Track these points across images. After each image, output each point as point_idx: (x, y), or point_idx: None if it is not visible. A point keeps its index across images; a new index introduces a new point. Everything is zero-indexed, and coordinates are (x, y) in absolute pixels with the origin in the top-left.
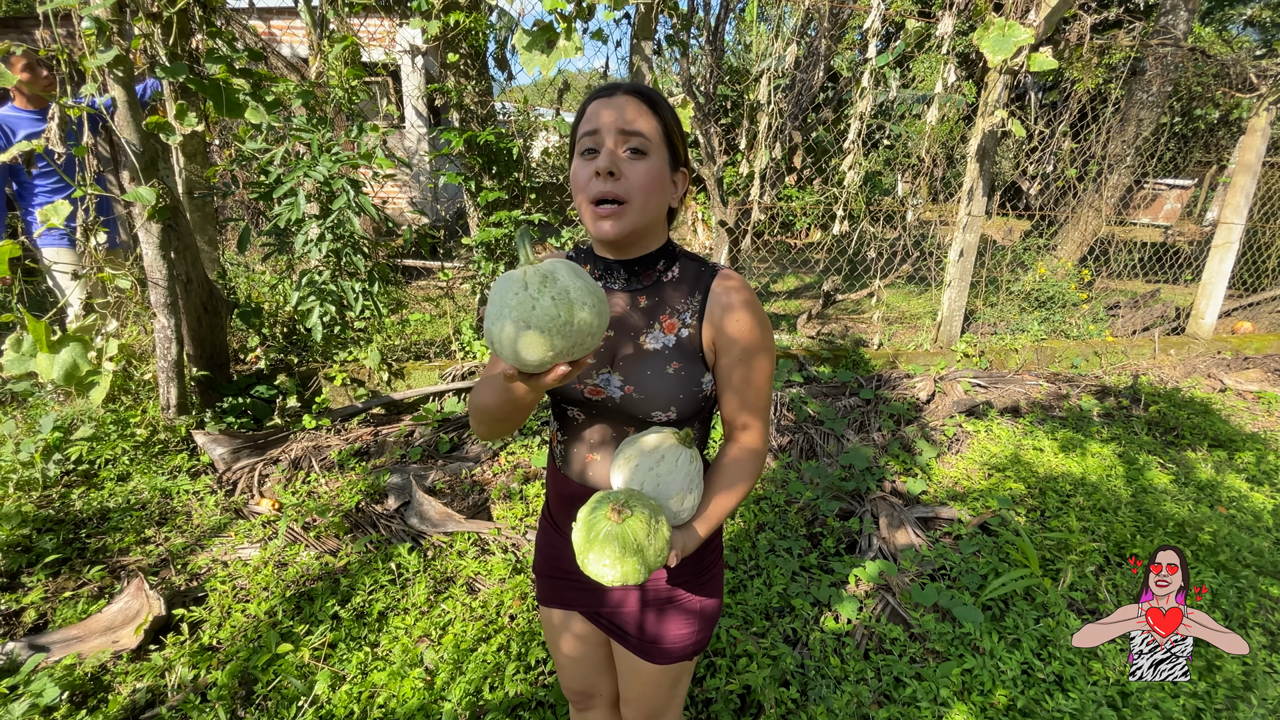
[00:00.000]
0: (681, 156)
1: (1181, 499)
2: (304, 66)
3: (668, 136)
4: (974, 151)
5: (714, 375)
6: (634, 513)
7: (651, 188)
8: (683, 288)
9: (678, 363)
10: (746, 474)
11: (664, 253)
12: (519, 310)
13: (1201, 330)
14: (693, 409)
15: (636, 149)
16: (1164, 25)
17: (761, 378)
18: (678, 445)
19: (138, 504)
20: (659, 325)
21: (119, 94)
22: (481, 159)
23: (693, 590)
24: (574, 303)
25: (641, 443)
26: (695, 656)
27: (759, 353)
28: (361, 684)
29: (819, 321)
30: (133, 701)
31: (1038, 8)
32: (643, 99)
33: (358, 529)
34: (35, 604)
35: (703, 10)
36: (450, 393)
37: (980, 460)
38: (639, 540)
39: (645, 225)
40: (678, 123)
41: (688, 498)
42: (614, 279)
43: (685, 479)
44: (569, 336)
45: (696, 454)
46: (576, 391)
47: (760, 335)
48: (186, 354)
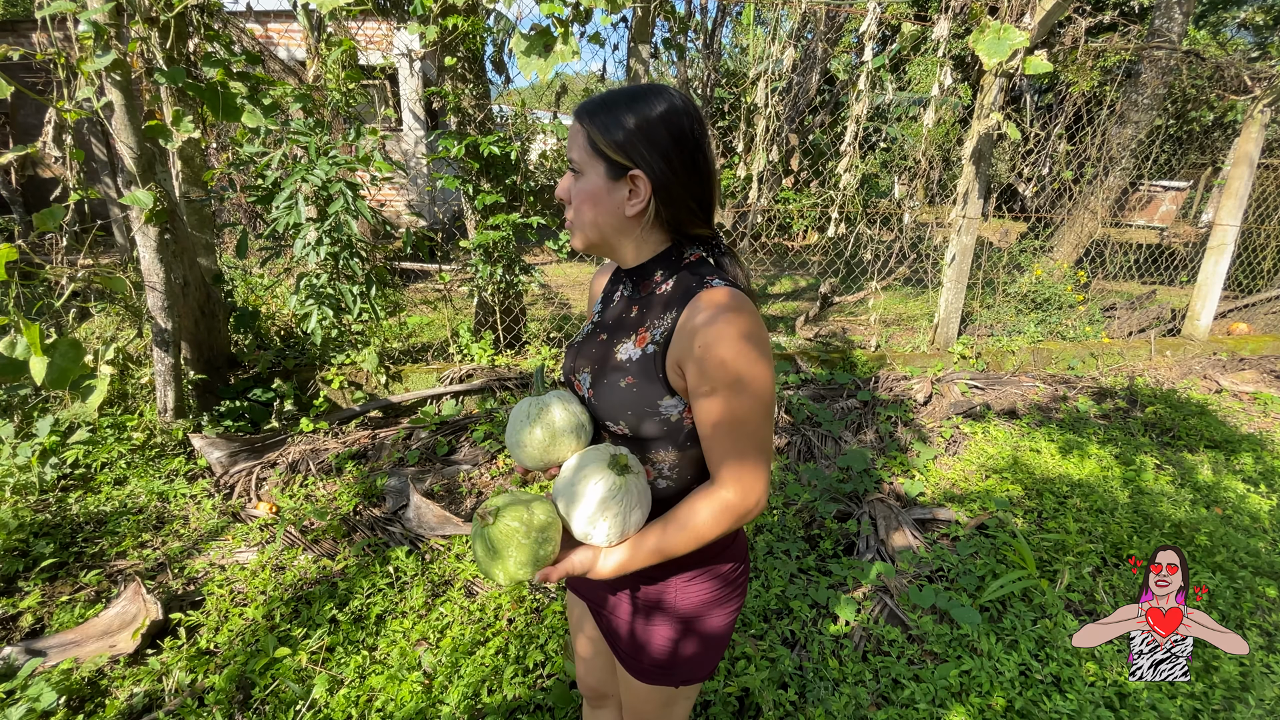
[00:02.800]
0: (625, 162)
1: (1179, 500)
2: (301, 70)
3: (596, 148)
4: (970, 154)
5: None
6: (497, 521)
7: (585, 206)
8: (668, 303)
9: (633, 378)
10: (692, 522)
11: (662, 262)
12: (515, 433)
13: (1197, 332)
14: (652, 430)
15: (574, 169)
16: (1158, 28)
17: (732, 417)
18: (600, 465)
19: (135, 508)
20: (633, 337)
21: (116, 98)
22: (479, 163)
23: (678, 607)
24: (557, 431)
25: (585, 453)
26: (683, 688)
27: (733, 389)
28: (359, 688)
29: (816, 324)
30: (130, 706)
31: (1033, 11)
32: (577, 117)
33: (355, 532)
34: (32, 608)
35: (700, 14)
36: (448, 395)
37: (977, 462)
38: (499, 545)
39: (599, 239)
40: (613, 128)
41: (600, 520)
42: (626, 286)
43: (598, 501)
44: (552, 452)
45: (622, 480)
46: (569, 381)
47: (736, 370)
48: (184, 357)
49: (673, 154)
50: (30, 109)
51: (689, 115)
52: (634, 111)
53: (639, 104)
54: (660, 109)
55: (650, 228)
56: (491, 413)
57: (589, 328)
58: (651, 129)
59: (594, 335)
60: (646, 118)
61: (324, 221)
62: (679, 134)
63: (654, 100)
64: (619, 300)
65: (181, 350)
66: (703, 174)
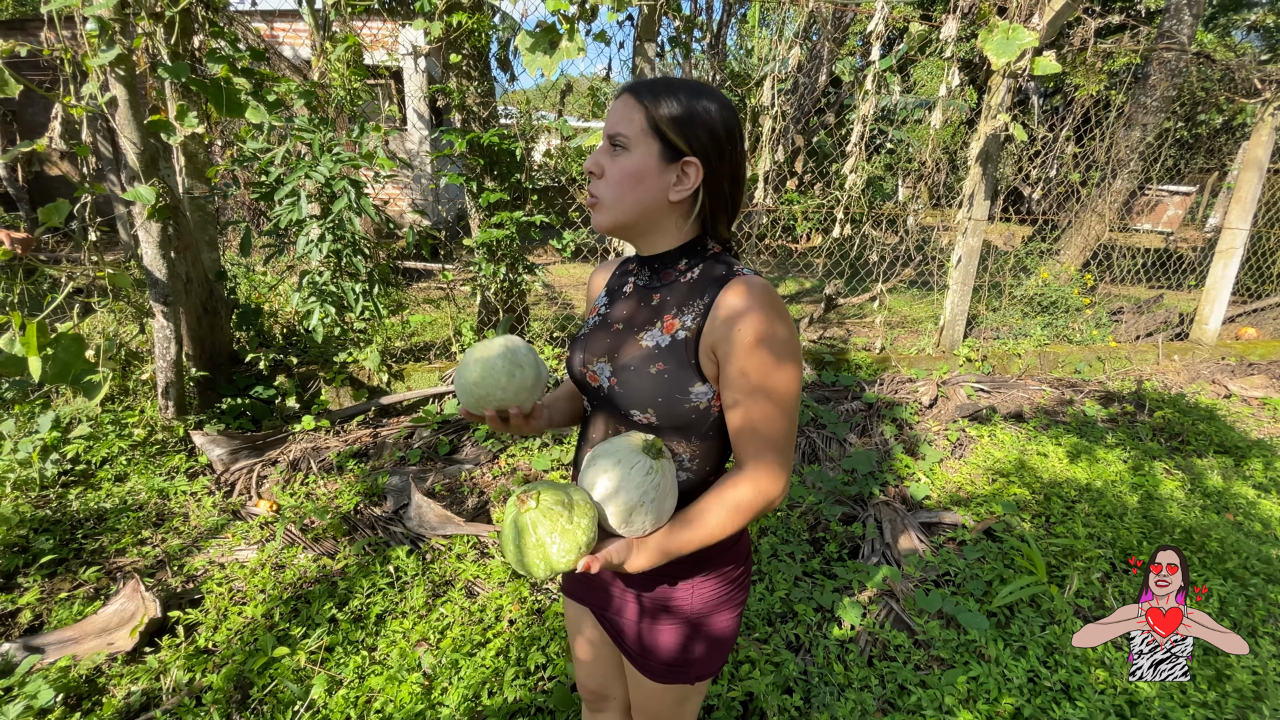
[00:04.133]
0: (683, 147)
1: (1189, 505)
2: (306, 68)
3: (656, 128)
4: (976, 155)
5: (720, 391)
6: (539, 503)
7: (625, 183)
8: (696, 289)
9: (664, 364)
10: (716, 517)
11: (688, 251)
12: (461, 373)
13: (1206, 336)
14: (680, 419)
15: (618, 145)
16: (1168, 30)
17: (766, 405)
18: (635, 450)
19: (135, 505)
20: (660, 323)
21: (121, 93)
22: (483, 160)
23: (688, 608)
24: (499, 372)
25: (611, 442)
26: (697, 683)
27: (768, 372)
28: (358, 688)
29: (821, 325)
30: (128, 705)
31: (1042, 11)
32: (633, 94)
33: (356, 531)
34: (31, 605)
35: (705, 14)
36: (450, 395)
37: (984, 465)
38: (542, 531)
39: (632, 220)
40: (680, 112)
41: (638, 508)
42: (640, 275)
43: (637, 489)
44: (482, 392)
45: (659, 466)
46: (580, 374)
47: (770, 354)
48: (186, 354)
49: (725, 149)
50: (38, 107)
51: (738, 119)
52: (699, 100)
53: (702, 95)
54: (720, 103)
55: (685, 216)
56: None
57: (595, 320)
58: (713, 121)
59: (604, 328)
60: (709, 109)
61: (327, 219)
62: (731, 132)
63: (714, 95)
64: (631, 291)
65: (184, 347)
66: (742, 176)
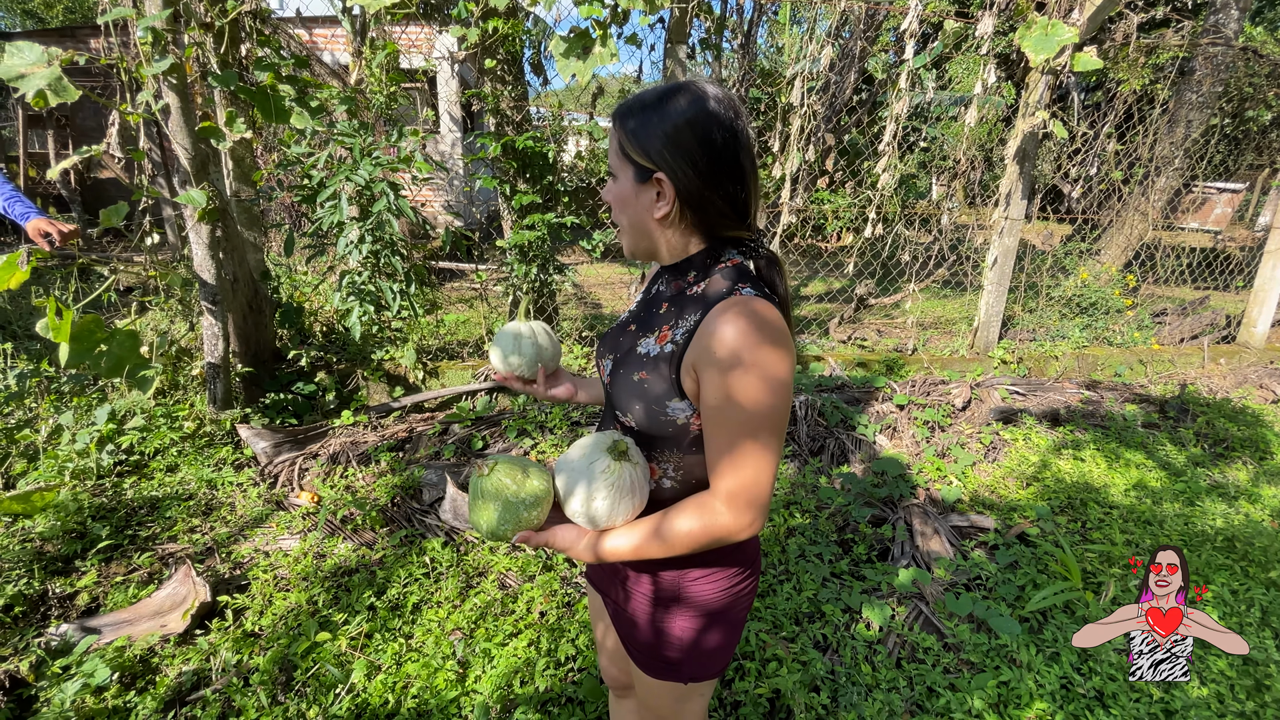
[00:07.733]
0: (646, 164)
1: (1231, 513)
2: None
3: (622, 150)
4: (1013, 153)
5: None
6: (491, 474)
7: (619, 211)
8: (693, 305)
9: (646, 374)
10: (674, 533)
11: (696, 264)
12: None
13: (1254, 339)
14: (659, 429)
15: (609, 173)
16: (1214, 24)
17: (736, 438)
18: (600, 449)
19: (185, 494)
20: (657, 333)
21: (173, 100)
22: (516, 163)
23: (682, 607)
24: (525, 348)
25: (595, 435)
26: (692, 684)
27: (740, 404)
28: (396, 674)
29: (851, 325)
30: (179, 684)
31: (1081, 7)
32: (613, 119)
33: (393, 523)
34: (88, 588)
35: (736, 14)
36: (482, 392)
37: (1018, 469)
38: (487, 497)
39: (635, 244)
40: (638, 132)
41: (591, 501)
42: (661, 281)
43: (591, 482)
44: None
45: (617, 468)
46: (596, 363)
47: (746, 385)
48: (232, 351)
49: (699, 157)
50: (88, 112)
51: (721, 114)
52: (660, 113)
53: (666, 105)
54: (688, 111)
55: (680, 230)
56: (524, 409)
57: (625, 316)
58: (677, 132)
59: (626, 325)
60: (673, 120)
61: (366, 220)
62: (705, 136)
63: (682, 100)
64: (653, 296)
65: (230, 344)
66: (735, 175)
